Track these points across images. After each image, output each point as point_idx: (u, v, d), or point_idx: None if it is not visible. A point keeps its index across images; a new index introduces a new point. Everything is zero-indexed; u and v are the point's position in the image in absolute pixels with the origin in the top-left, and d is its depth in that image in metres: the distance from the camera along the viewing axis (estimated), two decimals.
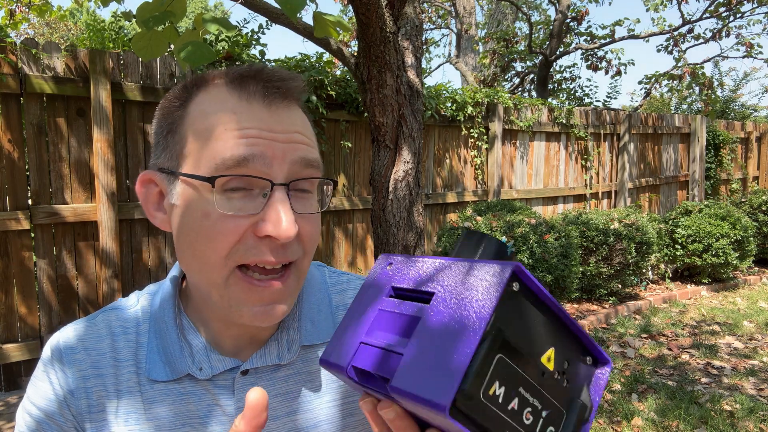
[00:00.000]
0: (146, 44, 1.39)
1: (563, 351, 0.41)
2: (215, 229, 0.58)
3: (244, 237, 0.58)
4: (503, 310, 0.36)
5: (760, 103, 20.73)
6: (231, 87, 0.61)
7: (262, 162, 0.57)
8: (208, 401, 0.66)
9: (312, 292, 0.73)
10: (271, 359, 0.67)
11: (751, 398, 3.41)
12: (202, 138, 0.59)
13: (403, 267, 0.44)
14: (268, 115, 0.60)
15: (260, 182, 0.58)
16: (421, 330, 0.38)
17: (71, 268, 3.50)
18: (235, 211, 0.58)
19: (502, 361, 0.36)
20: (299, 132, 0.62)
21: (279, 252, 0.59)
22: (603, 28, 8.81)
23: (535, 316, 0.39)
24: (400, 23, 3.00)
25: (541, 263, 4.04)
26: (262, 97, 0.60)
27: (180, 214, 0.61)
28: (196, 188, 0.59)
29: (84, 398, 0.65)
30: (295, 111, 0.63)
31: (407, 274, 0.43)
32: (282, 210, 0.57)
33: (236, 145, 0.57)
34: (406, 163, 2.95)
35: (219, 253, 0.58)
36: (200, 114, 0.60)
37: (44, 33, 12.99)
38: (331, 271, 0.80)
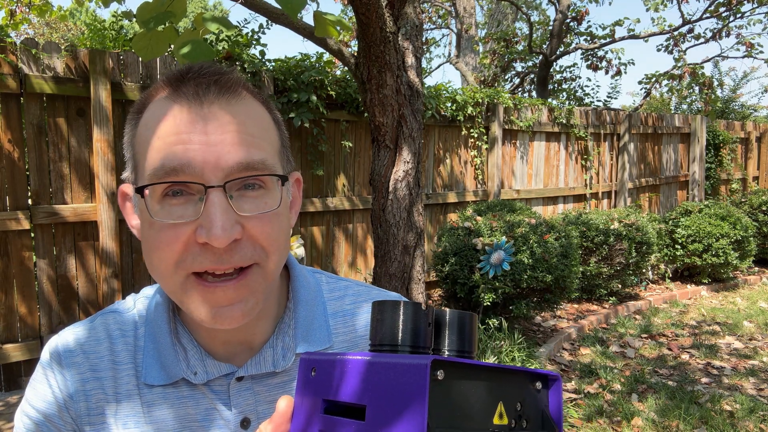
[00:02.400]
0: (147, 44, 1.39)
1: (512, 395, 0.40)
2: (158, 239, 0.57)
3: (188, 244, 0.56)
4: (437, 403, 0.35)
5: (760, 103, 20.68)
6: (169, 92, 0.60)
7: (193, 168, 0.55)
8: (206, 405, 0.66)
9: (307, 300, 0.72)
10: (266, 366, 0.67)
11: (751, 398, 3.41)
12: (143, 150, 0.59)
13: (326, 373, 0.43)
14: (200, 115, 0.57)
15: (195, 187, 0.56)
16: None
17: (71, 268, 3.50)
18: (173, 218, 0.56)
19: None
20: (237, 129, 0.58)
21: (224, 258, 0.56)
22: (603, 28, 8.81)
23: (471, 387, 0.38)
24: (400, 23, 3.00)
25: (541, 263, 4.04)
26: (194, 97, 0.58)
27: (141, 226, 0.62)
28: (141, 200, 0.59)
29: (83, 401, 0.65)
30: (237, 105, 0.59)
31: (333, 382, 0.42)
32: (216, 213, 0.55)
33: (166, 153, 0.56)
34: (406, 163, 2.95)
35: (167, 262, 0.57)
36: (144, 126, 0.60)
37: (44, 33, 12.99)
38: (329, 277, 0.78)
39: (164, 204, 0.57)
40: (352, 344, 0.73)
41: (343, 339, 0.73)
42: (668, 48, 8.92)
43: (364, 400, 0.39)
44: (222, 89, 0.59)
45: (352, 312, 0.75)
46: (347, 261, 4.83)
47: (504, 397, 0.40)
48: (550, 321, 4.93)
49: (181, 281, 0.58)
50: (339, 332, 0.73)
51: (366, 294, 0.77)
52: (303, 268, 0.76)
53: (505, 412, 0.40)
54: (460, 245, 4.22)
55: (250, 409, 0.66)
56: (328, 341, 0.71)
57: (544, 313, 4.96)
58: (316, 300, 0.73)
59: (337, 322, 0.73)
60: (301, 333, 0.70)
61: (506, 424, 0.39)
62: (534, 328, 4.74)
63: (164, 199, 0.57)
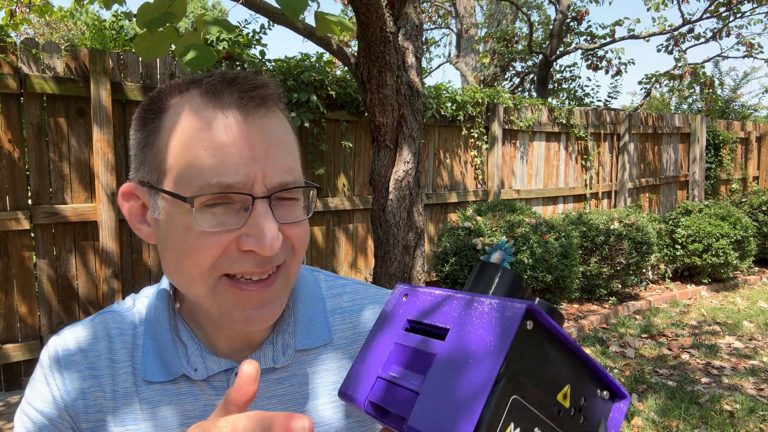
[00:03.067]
0: (148, 45, 1.39)
1: (579, 387, 0.41)
2: (198, 244, 0.57)
3: (227, 250, 0.58)
4: (517, 350, 0.36)
5: (761, 102, 20.68)
6: (206, 98, 0.59)
7: (242, 181, 0.57)
8: (205, 402, 0.66)
9: (306, 297, 0.73)
10: (266, 362, 0.68)
11: (751, 398, 3.41)
12: (181, 156, 0.58)
13: (418, 299, 0.44)
14: (245, 127, 0.58)
15: (241, 197, 0.57)
16: (436, 369, 0.38)
17: (71, 268, 3.50)
18: (216, 227, 0.57)
19: (517, 402, 0.36)
20: (279, 142, 0.60)
21: (264, 263, 0.59)
22: (603, 27, 8.81)
23: (550, 353, 0.39)
24: (401, 23, 3.00)
25: (541, 263, 4.04)
26: (237, 108, 0.58)
27: (163, 228, 0.61)
28: (177, 204, 0.58)
29: (81, 400, 0.66)
30: (273, 117, 0.61)
31: (423, 306, 0.43)
32: (264, 224, 0.56)
33: (220, 170, 0.56)
34: (406, 163, 2.95)
35: (202, 267, 0.58)
36: (176, 128, 0.59)
37: (44, 33, 12.99)
38: (327, 275, 0.80)
39: (205, 211, 0.57)
40: (352, 340, 0.73)
41: (342, 335, 0.73)
42: (668, 48, 8.92)
43: (449, 324, 0.40)
44: (262, 101, 0.60)
45: (350, 309, 0.75)
46: (347, 261, 4.83)
47: (573, 383, 0.40)
48: None
49: (212, 284, 0.59)
50: (338, 329, 0.74)
51: (363, 292, 0.78)
52: (302, 267, 0.76)
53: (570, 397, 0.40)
54: (461, 245, 4.22)
55: (250, 406, 0.66)
56: (327, 337, 0.72)
57: None
58: (315, 297, 0.74)
59: (335, 319, 0.74)
60: (300, 330, 0.70)
61: (567, 407, 0.40)
62: None
63: (205, 207, 0.57)
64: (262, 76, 0.63)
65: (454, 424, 0.34)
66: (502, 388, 0.35)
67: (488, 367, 0.35)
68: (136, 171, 0.64)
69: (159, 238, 0.63)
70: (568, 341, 0.40)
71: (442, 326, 0.40)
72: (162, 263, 0.64)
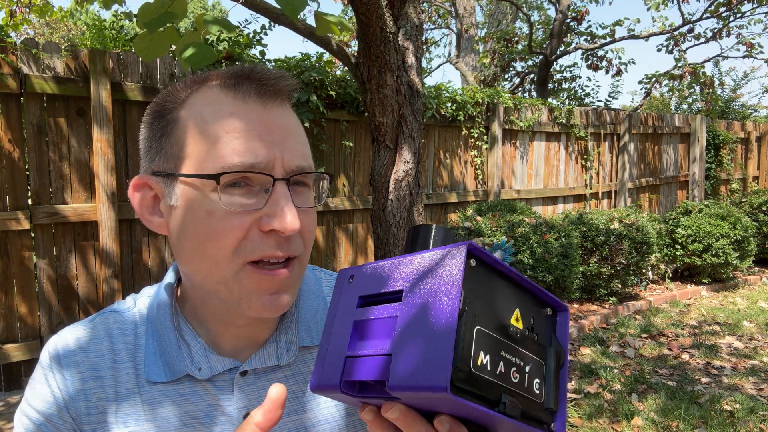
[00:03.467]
0: (148, 45, 1.39)
1: (526, 309, 0.44)
2: (221, 226, 0.59)
3: (249, 232, 0.59)
4: (468, 287, 0.38)
5: (761, 102, 20.69)
6: (225, 88, 0.62)
7: (264, 162, 0.59)
8: (208, 401, 0.66)
9: (308, 295, 0.74)
10: (270, 360, 0.68)
11: (751, 398, 3.41)
12: (204, 141, 0.60)
13: (363, 276, 0.45)
14: (265, 114, 0.61)
15: (262, 178, 0.59)
16: (402, 326, 0.39)
17: (71, 268, 3.50)
18: (238, 207, 0.58)
19: (481, 332, 0.38)
20: (294, 130, 0.63)
21: (284, 246, 0.60)
22: (603, 27, 8.81)
23: (495, 284, 0.42)
24: (401, 23, 3.00)
25: (541, 263, 4.04)
26: (257, 97, 0.61)
27: (181, 215, 0.61)
28: (198, 188, 0.59)
29: (83, 401, 0.65)
30: (287, 109, 0.64)
31: (370, 280, 0.44)
32: (285, 204, 0.59)
33: (240, 149, 0.58)
34: (406, 163, 2.95)
35: (226, 250, 0.59)
36: (198, 116, 0.61)
37: (44, 33, 12.99)
38: (327, 274, 0.81)
39: (225, 193, 0.59)
40: None
41: None
42: (668, 48, 8.92)
43: (401, 286, 0.41)
44: (277, 93, 0.63)
45: None
46: (348, 261, 4.83)
47: (521, 306, 0.43)
48: None
49: (236, 269, 0.60)
50: None
51: None
52: None
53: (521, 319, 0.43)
54: None
55: (253, 404, 0.67)
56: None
57: None
58: (316, 295, 0.75)
59: None
60: (303, 327, 0.71)
61: (522, 328, 0.43)
62: None
63: (225, 189, 0.59)
64: (277, 69, 0.65)
65: (434, 367, 0.36)
66: (465, 323, 0.37)
67: (448, 308, 0.37)
68: (150, 162, 0.65)
69: (174, 226, 0.63)
70: (507, 269, 0.42)
71: (395, 290, 0.42)
72: (178, 252, 0.64)
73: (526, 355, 0.42)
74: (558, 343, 0.46)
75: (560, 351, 0.46)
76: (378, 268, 0.44)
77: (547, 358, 0.44)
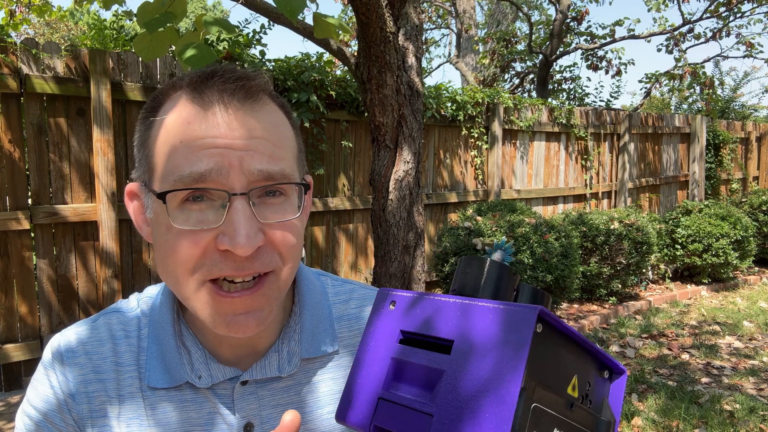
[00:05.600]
0: (148, 45, 1.39)
1: (584, 374, 0.41)
2: (176, 244, 0.56)
3: (207, 251, 0.56)
4: (531, 357, 0.35)
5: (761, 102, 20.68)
6: (189, 94, 0.58)
7: (218, 174, 0.55)
8: (209, 409, 0.65)
9: (313, 304, 0.72)
10: (271, 371, 0.67)
11: (751, 398, 3.41)
12: (162, 152, 0.58)
13: (408, 306, 0.42)
14: (226, 121, 0.56)
15: (218, 193, 0.56)
16: (448, 386, 0.36)
17: (71, 268, 3.50)
18: (193, 225, 0.55)
19: (537, 409, 0.35)
20: (261, 136, 0.58)
21: (245, 266, 0.56)
22: (603, 27, 8.81)
23: (558, 350, 0.38)
24: (401, 23, 3.00)
25: (541, 263, 4.04)
26: (218, 102, 0.57)
27: (153, 227, 0.61)
28: (159, 202, 0.58)
29: (85, 403, 0.65)
30: (259, 111, 0.59)
31: (415, 315, 0.41)
32: (241, 221, 0.54)
33: (192, 159, 0.55)
34: (406, 163, 2.95)
35: (183, 267, 0.57)
36: (162, 126, 0.59)
37: (44, 33, 12.99)
38: (334, 280, 0.78)
39: (184, 209, 0.56)
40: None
41: (348, 343, 0.72)
42: (668, 48, 8.92)
43: (452, 336, 0.37)
44: (247, 95, 0.58)
45: (357, 315, 0.74)
46: (348, 261, 4.83)
47: (579, 372, 0.40)
48: None
49: (195, 287, 0.57)
50: (344, 336, 0.72)
51: (371, 297, 0.76)
52: (308, 271, 0.75)
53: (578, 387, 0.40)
54: (461, 245, 4.22)
55: (253, 414, 0.66)
56: (333, 346, 0.71)
57: None
58: (321, 304, 0.72)
59: (342, 326, 0.73)
60: (306, 338, 0.69)
61: (576, 397, 0.40)
62: None
63: (184, 204, 0.56)
64: (245, 69, 0.62)
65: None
66: (524, 403, 0.33)
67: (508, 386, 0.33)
68: (136, 171, 0.64)
69: (152, 237, 0.62)
70: (568, 331, 0.39)
71: (444, 337, 0.38)
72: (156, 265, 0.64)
73: (577, 428, 0.39)
74: (610, 411, 0.43)
75: (612, 422, 0.42)
76: (426, 302, 0.40)
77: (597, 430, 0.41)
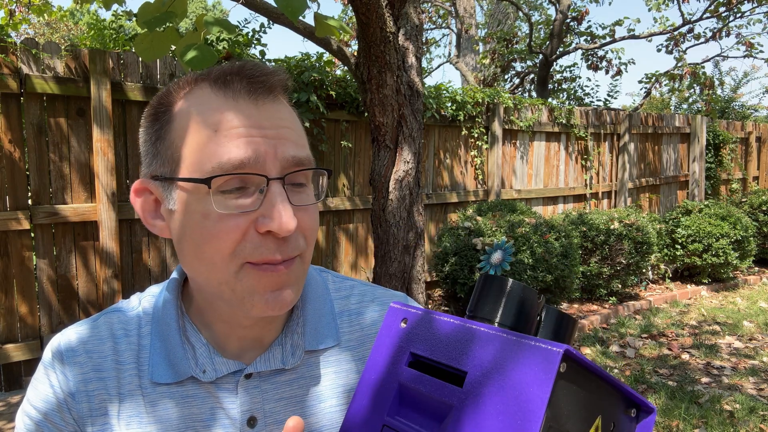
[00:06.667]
0: (149, 46, 1.39)
1: (608, 413, 0.38)
2: (216, 229, 0.58)
3: (246, 234, 0.58)
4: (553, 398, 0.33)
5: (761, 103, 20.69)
6: (215, 87, 0.61)
7: (255, 161, 0.58)
8: (212, 404, 0.66)
9: (315, 298, 0.73)
10: (275, 363, 0.67)
11: (751, 398, 3.41)
12: (194, 142, 0.59)
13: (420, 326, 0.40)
14: (256, 112, 0.60)
15: (256, 179, 0.58)
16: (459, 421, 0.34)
17: (71, 268, 3.50)
18: (233, 209, 0.58)
19: None
20: (288, 126, 0.62)
21: (283, 248, 0.59)
22: (603, 27, 8.81)
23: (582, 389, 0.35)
24: (401, 23, 3.00)
25: (541, 263, 4.04)
26: (247, 94, 0.60)
27: (180, 218, 0.61)
28: (193, 191, 0.59)
29: (85, 402, 0.65)
30: (280, 105, 0.63)
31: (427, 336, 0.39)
32: (280, 204, 0.58)
33: (231, 147, 0.57)
34: (406, 163, 2.95)
35: (223, 252, 0.58)
36: (188, 117, 0.60)
37: (44, 33, 12.99)
38: (334, 276, 0.79)
39: (220, 196, 0.58)
40: (360, 343, 0.73)
41: (349, 338, 0.73)
42: (668, 48, 8.92)
43: (466, 367, 0.35)
44: (271, 88, 0.62)
45: (357, 311, 0.75)
46: (348, 261, 4.83)
47: (603, 412, 0.37)
48: None
49: (235, 270, 0.59)
50: (345, 331, 0.73)
51: (371, 294, 0.77)
52: (310, 268, 0.76)
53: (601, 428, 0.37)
54: (461, 245, 4.22)
55: (257, 408, 0.66)
56: (335, 339, 0.71)
57: None
58: (323, 299, 0.74)
59: (343, 321, 0.74)
60: (309, 331, 0.70)
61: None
62: None
63: (220, 193, 0.58)
64: (268, 65, 0.64)
65: None
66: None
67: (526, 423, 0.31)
68: (148, 166, 0.65)
69: (175, 230, 0.63)
70: (594, 369, 0.36)
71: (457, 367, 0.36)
72: (179, 256, 0.64)
73: None
74: None
75: None
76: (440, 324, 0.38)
77: None
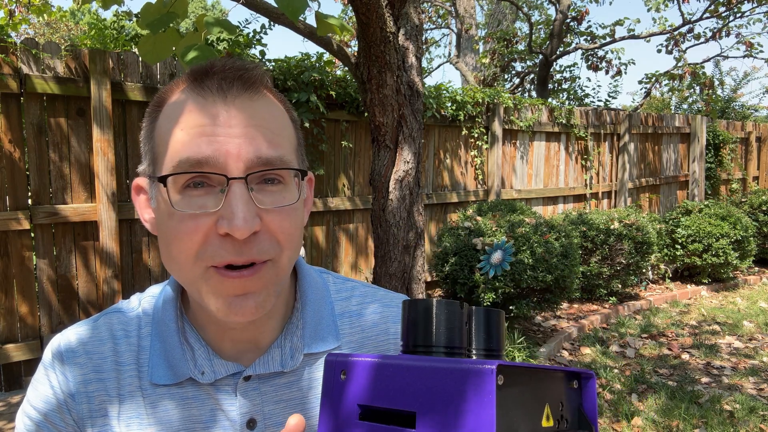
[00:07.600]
0: (151, 48, 1.39)
1: (554, 397, 0.39)
2: (179, 229, 0.58)
3: (208, 236, 0.57)
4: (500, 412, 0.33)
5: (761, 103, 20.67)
6: (191, 87, 0.61)
7: (216, 160, 0.57)
8: (211, 405, 0.66)
9: (315, 300, 0.72)
10: (274, 366, 0.67)
11: (751, 398, 3.41)
12: (164, 141, 0.60)
13: (358, 374, 0.39)
14: (224, 109, 0.59)
15: (217, 178, 0.57)
16: None
17: (71, 268, 3.50)
18: (194, 209, 0.57)
19: None
20: (259, 125, 0.59)
21: (244, 250, 0.57)
22: (603, 27, 8.81)
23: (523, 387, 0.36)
24: (401, 23, 3.00)
25: (541, 263, 4.04)
26: (218, 91, 0.59)
27: (156, 216, 0.63)
28: (162, 190, 0.59)
29: (85, 403, 0.65)
30: (258, 102, 0.61)
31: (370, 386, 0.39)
32: (238, 205, 0.56)
33: (191, 146, 0.57)
34: (406, 163, 2.95)
35: (187, 253, 0.58)
36: (165, 118, 0.61)
37: (44, 33, 12.99)
38: (335, 278, 0.79)
39: (185, 195, 0.58)
40: (360, 344, 0.73)
41: (349, 339, 0.73)
42: (668, 48, 8.92)
43: (413, 407, 0.36)
44: (245, 85, 0.61)
45: (358, 312, 0.75)
46: (348, 261, 4.83)
47: (549, 399, 0.39)
48: (550, 321, 4.94)
49: (201, 272, 0.59)
50: (346, 333, 0.73)
51: (372, 295, 0.77)
52: (310, 268, 0.76)
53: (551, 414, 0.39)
54: (461, 245, 4.22)
55: (256, 410, 0.66)
56: (336, 341, 0.71)
57: (544, 313, 4.96)
58: (324, 300, 0.73)
59: (344, 323, 0.73)
60: (309, 333, 0.70)
61: (552, 425, 0.38)
62: (534, 327, 4.74)
63: (185, 191, 0.58)
64: (243, 60, 0.64)
65: None
66: None
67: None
68: (142, 165, 0.66)
69: (155, 228, 0.64)
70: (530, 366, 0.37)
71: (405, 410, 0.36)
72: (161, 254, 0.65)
73: None
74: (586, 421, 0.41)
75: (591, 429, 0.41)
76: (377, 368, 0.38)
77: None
